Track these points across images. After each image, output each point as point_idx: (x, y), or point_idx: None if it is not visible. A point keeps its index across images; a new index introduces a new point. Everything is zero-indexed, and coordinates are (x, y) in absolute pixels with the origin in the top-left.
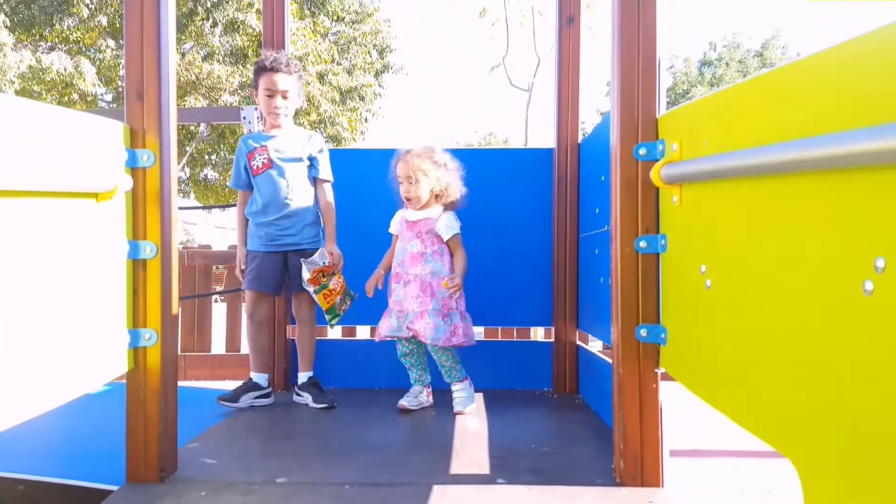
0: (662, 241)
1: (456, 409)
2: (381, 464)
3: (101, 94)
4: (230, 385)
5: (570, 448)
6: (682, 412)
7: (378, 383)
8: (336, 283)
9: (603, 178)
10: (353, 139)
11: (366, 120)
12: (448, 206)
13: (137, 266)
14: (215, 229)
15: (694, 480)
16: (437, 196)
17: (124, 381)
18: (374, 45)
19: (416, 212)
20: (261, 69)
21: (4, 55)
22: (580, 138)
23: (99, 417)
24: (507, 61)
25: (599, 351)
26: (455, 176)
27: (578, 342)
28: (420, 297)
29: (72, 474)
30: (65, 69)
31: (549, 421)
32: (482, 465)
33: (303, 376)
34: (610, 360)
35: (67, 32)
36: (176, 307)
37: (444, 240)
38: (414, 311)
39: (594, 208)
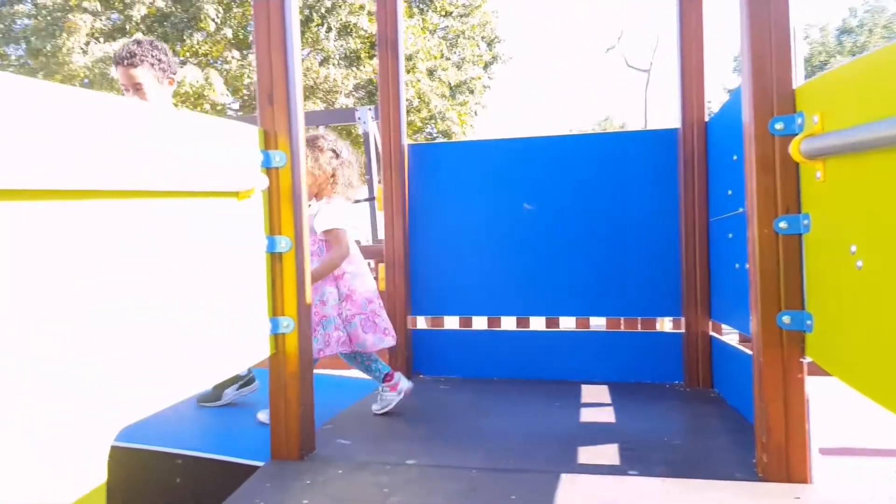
0: (805, 221)
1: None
2: (505, 450)
3: (229, 104)
4: (349, 373)
5: (705, 441)
6: (830, 408)
7: (491, 373)
8: None
9: (735, 157)
10: (464, 133)
11: (475, 113)
12: (329, 195)
13: (275, 259)
14: None
15: (845, 480)
16: (318, 188)
17: (263, 367)
18: (483, 37)
19: (312, 206)
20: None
21: None
22: (706, 117)
23: (248, 398)
24: (623, 41)
25: (738, 342)
26: (346, 167)
27: (712, 332)
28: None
29: (223, 450)
30: (196, 81)
31: (681, 414)
32: (611, 456)
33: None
34: (749, 352)
35: (197, 46)
36: (309, 297)
37: (318, 235)
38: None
39: (725, 190)
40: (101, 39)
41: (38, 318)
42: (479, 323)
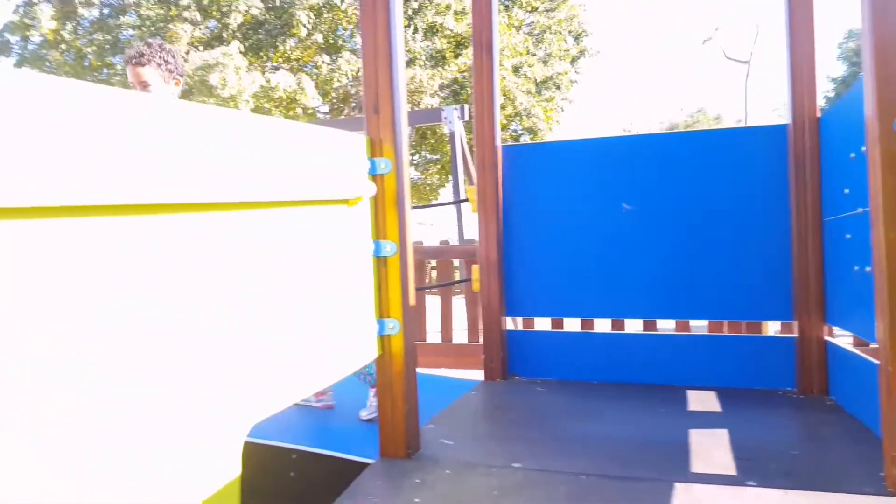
0: None
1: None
2: (613, 456)
3: (318, 107)
4: (447, 372)
5: (826, 452)
6: None
7: (587, 376)
8: None
9: (853, 155)
10: (549, 129)
11: (562, 109)
12: None
13: (380, 263)
14: (416, 225)
15: None
16: None
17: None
18: (570, 32)
19: None
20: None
21: (240, 78)
22: (818, 112)
23: (354, 398)
24: (720, 33)
25: (853, 347)
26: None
27: (827, 337)
28: None
29: (335, 447)
30: (289, 86)
31: (797, 422)
32: (726, 466)
33: None
34: (871, 359)
35: (289, 52)
36: (413, 299)
37: None
38: None
39: (842, 189)
40: (201, 48)
41: (187, 328)
42: (572, 325)
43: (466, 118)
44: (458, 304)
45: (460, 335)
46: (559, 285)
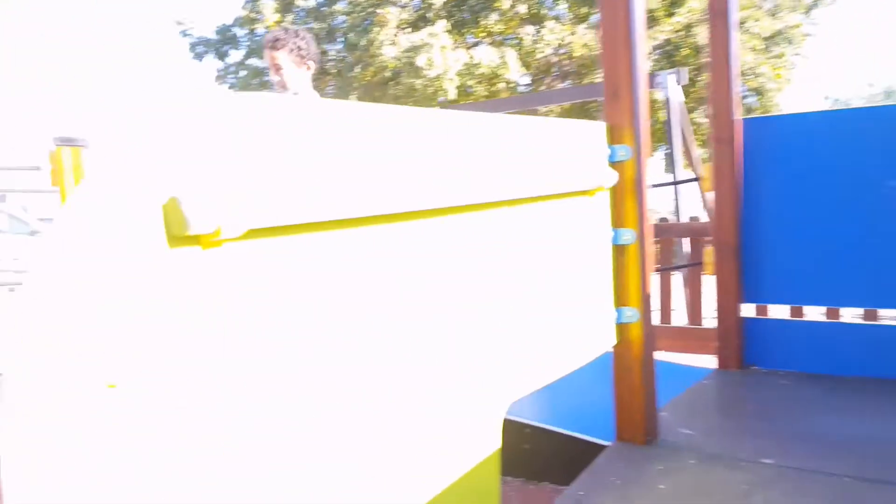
0: None
1: None
2: (879, 459)
3: (520, 80)
4: (664, 356)
5: None
6: None
7: (835, 369)
8: None
9: None
10: (779, 88)
11: (793, 66)
12: None
13: (619, 251)
14: None
15: None
16: None
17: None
18: None
19: None
20: None
21: (446, 57)
22: None
23: (584, 380)
24: None
25: None
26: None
27: None
28: None
29: (570, 426)
30: (492, 61)
31: None
32: None
33: None
34: None
35: (491, 26)
36: (651, 287)
37: None
38: None
39: None
40: (409, 29)
41: (460, 320)
42: (812, 313)
43: (685, 82)
44: (676, 283)
45: (679, 317)
46: (803, 271)
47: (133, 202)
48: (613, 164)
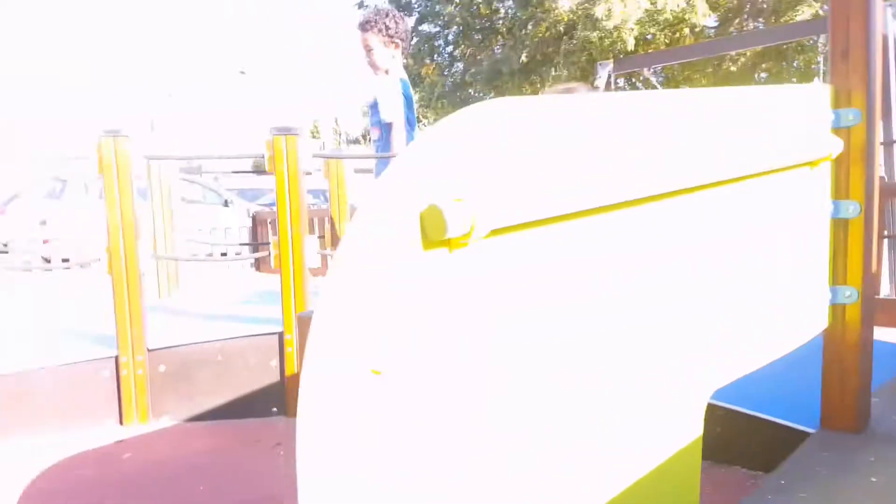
0: None
1: None
2: None
3: (708, 24)
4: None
5: None
6: None
7: None
8: None
9: None
10: None
11: None
12: None
13: (838, 225)
14: None
15: None
16: None
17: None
18: None
19: None
20: None
21: (625, 5)
22: None
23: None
24: None
25: None
26: None
27: None
28: None
29: (767, 410)
30: (677, 6)
31: None
32: None
33: None
34: None
35: None
36: (876, 265)
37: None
38: None
39: None
40: None
41: (680, 303)
42: None
43: None
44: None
45: (883, 289)
46: None
47: (402, 208)
48: (838, 129)
